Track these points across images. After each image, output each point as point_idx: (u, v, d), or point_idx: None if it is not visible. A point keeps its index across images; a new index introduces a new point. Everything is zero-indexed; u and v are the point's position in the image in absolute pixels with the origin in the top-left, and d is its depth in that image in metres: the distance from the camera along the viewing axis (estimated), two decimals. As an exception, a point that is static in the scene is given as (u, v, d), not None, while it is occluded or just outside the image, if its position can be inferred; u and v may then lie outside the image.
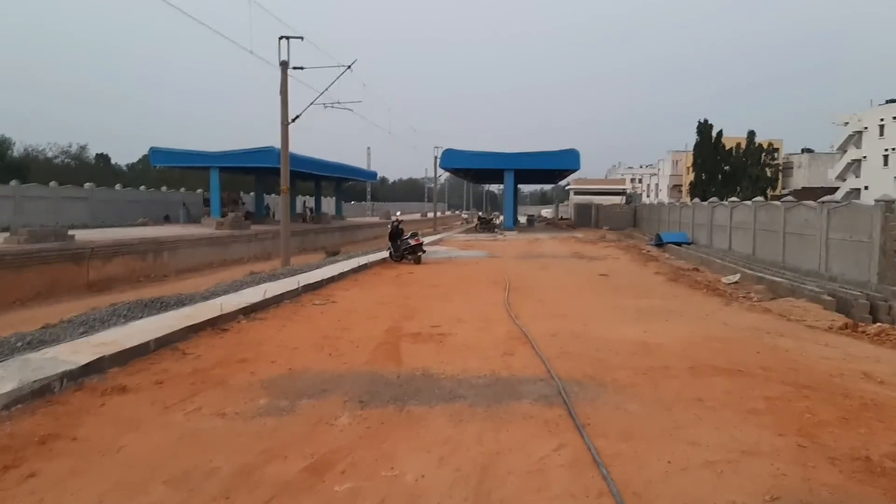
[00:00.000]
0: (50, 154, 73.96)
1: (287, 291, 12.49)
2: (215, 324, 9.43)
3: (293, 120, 27.52)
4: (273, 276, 16.32)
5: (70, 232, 27.33)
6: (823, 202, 18.92)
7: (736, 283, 18.73)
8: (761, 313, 11.83)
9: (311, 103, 28.62)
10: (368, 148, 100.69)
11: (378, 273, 17.91)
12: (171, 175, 69.20)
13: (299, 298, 12.50)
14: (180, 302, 12.01)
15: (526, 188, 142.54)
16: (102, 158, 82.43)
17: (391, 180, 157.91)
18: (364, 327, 9.64)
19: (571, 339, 8.84)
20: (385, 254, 21.48)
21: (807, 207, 20.14)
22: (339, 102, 29.25)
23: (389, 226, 21.56)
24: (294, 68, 27.17)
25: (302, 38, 27.06)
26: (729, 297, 13.88)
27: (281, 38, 26.45)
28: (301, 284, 13.29)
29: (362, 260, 20.39)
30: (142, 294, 17.87)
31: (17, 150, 69.02)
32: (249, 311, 10.63)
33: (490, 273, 17.67)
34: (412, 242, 20.51)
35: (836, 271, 18.02)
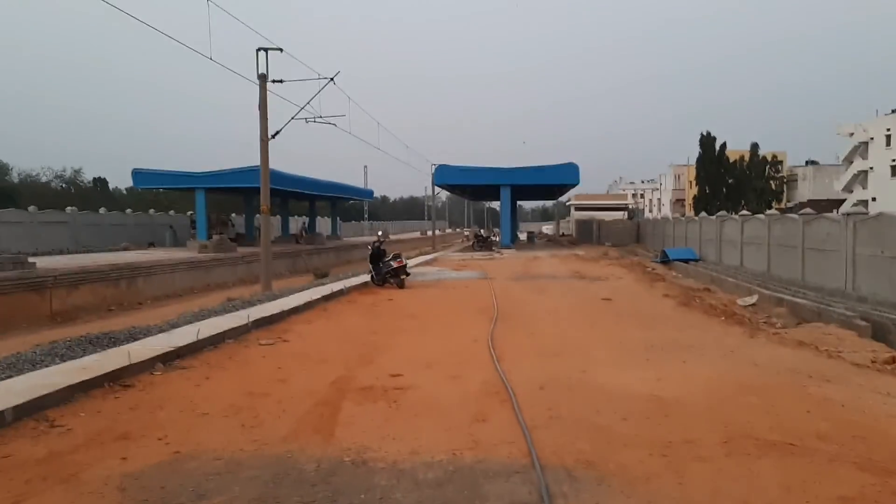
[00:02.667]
0: (44, 179, 72.62)
1: (231, 328, 10.58)
2: (118, 377, 7.52)
3: (273, 136, 25.91)
4: (247, 303, 14.74)
5: (33, 259, 25.50)
6: (849, 214, 17.04)
7: (753, 305, 16.81)
8: (794, 347, 9.88)
9: (292, 118, 26.97)
10: (365, 166, 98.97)
11: (353, 300, 16.01)
12: (166, 197, 67.51)
13: (246, 336, 10.58)
14: (132, 337, 10.32)
15: (528, 204, 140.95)
16: (100, 182, 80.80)
17: (392, 199, 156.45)
18: (307, 378, 7.73)
19: (565, 392, 6.92)
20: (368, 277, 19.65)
21: (829, 220, 18.25)
22: (321, 116, 27.59)
23: (370, 246, 19.70)
24: (273, 81, 25.68)
25: (281, 49, 25.52)
26: (752, 326, 11.94)
27: (259, 49, 24.92)
28: (251, 319, 11.36)
29: (342, 284, 18.50)
30: (109, 325, 16.08)
31: (14, 176, 67.81)
32: (173, 356, 8.71)
33: (479, 298, 15.75)
34: (394, 264, 18.61)
35: (865, 291, 16.08)
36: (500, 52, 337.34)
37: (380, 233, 20.85)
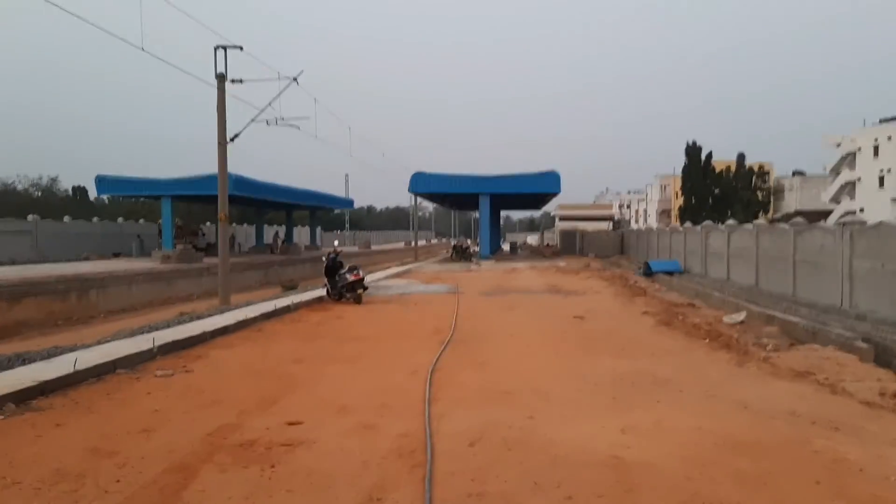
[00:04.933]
0: (19, 187, 70.37)
1: (127, 355, 8.92)
2: (-63, 426, 5.88)
3: (232, 139, 24.37)
4: (196, 318, 13.69)
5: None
6: (845, 224, 15.63)
7: (741, 322, 15.35)
8: (791, 380, 8.37)
9: (252, 120, 25.36)
10: (346, 175, 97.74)
11: (298, 318, 14.38)
12: (149, 206, 65.45)
13: (146, 365, 8.93)
14: (50, 356, 9.08)
15: (515, 215, 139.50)
16: (79, 191, 78.40)
17: (378, 208, 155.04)
18: (182, 426, 6.10)
19: (501, 451, 5.33)
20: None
21: (822, 230, 16.88)
22: (283, 118, 26.02)
23: (325, 258, 18.09)
24: (233, 81, 24.18)
25: (241, 48, 24.02)
26: (740, 351, 10.41)
27: (217, 47, 23.41)
28: (160, 343, 9.70)
29: (289, 300, 16.86)
30: (49, 341, 14.43)
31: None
32: (35, 392, 7.08)
33: (438, 317, 14.16)
34: (350, 278, 16.99)
35: (863, 308, 14.68)
36: (490, 63, 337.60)
37: (336, 243, 19.28)
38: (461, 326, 12.54)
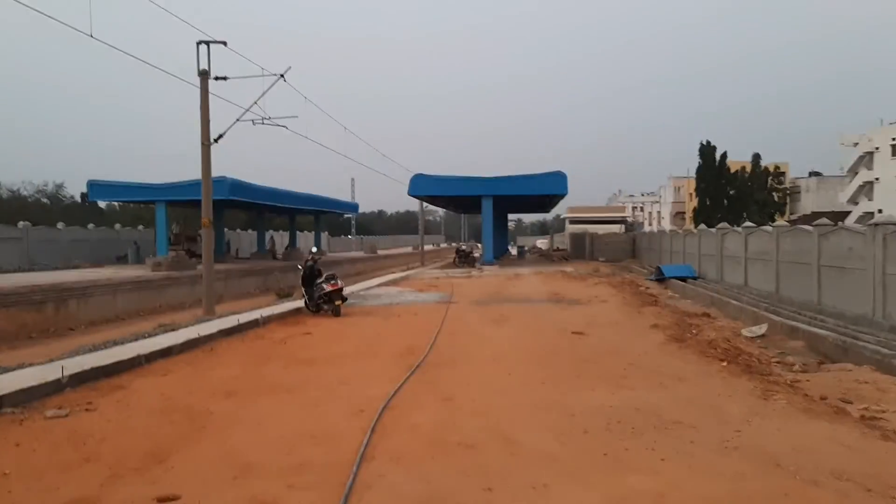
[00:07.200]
0: (25, 193, 69.64)
1: (24, 388, 7.40)
2: None
3: (216, 139, 23.00)
4: (170, 329, 12.84)
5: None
6: (877, 224, 13.91)
7: (762, 336, 13.69)
8: (830, 420, 6.69)
9: (238, 119, 23.98)
10: (352, 179, 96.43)
11: (263, 334, 12.84)
12: (151, 212, 64.42)
13: (44, 401, 7.40)
14: None
15: (527, 218, 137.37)
16: (87, 197, 77.62)
17: (389, 213, 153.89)
18: (18, 501, 4.57)
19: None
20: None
21: (850, 232, 15.15)
22: (269, 118, 24.61)
23: (301, 266, 16.59)
24: (216, 78, 22.82)
25: (225, 43, 22.67)
26: (764, 377, 8.75)
27: (199, 42, 22.06)
28: (72, 372, 8.17)
29: (258, 313, 15.34)
30: (11, 357, 13.14)
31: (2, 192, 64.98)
32: None
33: (419, 332, 12.56)
34: (328, 288, 15.46)
35: (899, 319, 12.97)
36: (496, 62, 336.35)
37: (313, 249, 17.78)
38: (440, 345, 10.94)
